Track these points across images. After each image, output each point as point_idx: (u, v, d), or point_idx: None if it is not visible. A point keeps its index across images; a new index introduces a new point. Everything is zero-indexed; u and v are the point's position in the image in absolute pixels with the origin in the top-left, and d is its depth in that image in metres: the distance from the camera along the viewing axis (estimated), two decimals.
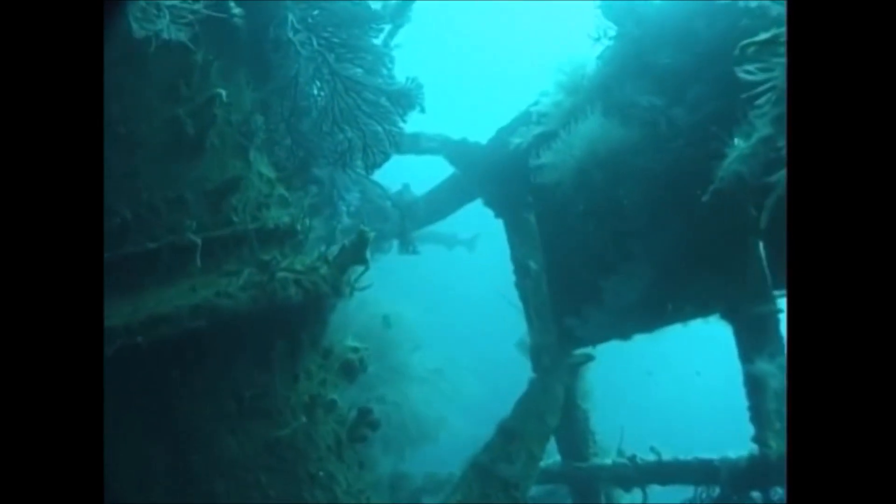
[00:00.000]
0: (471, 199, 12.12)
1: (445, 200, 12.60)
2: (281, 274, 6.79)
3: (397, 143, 7.05)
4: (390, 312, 14.20)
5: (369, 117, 6.97)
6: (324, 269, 7.23)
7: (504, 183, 10.69)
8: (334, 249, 7.40)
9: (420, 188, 12.69)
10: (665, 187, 7.60)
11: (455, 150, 11.40)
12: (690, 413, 30.76)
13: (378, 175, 11.36)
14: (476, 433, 11.99)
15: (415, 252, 11.58)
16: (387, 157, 7.22)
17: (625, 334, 8.98)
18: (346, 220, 10.64)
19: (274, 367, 6.94)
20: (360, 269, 7.57)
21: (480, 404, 14.36)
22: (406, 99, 7.02)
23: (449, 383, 14.59)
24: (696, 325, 8.67)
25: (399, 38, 8.47)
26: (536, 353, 10.56)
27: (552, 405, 10.20)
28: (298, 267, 7.08)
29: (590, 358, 10.51)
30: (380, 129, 7.00)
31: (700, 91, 7.24)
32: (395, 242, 12.16)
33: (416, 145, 11.44)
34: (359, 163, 7.13)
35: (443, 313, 19.38)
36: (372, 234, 7.31)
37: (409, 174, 12.41)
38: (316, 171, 9.13)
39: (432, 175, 12.81)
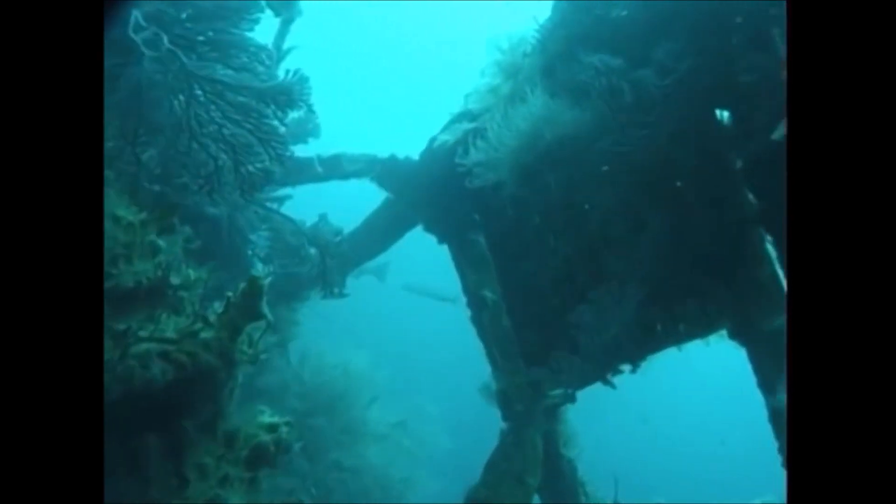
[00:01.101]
0: (410, 225, 10.21)
1: (381, 231, 10.75)
2: (140, 347, 4.93)
3: (280, 154, 5.19)
4: (338, 363, 12.82)
5: (238, 126, 5.12)
6: (207, 334, 5.38)
7: (442, 201, 8.89)
8: (218, 306, 5.55)
9: (351, 220, 10.79)
10: (640, 178, 5.78)
11: (384, 170, 9.64)
12: (695, 450, 27.03)
13: (297, 209, 9.70)
14: (447, 489, 10.98)
15: (341, 295, 9.69)
16: (268, 175, 5.37)
17: (606, 374, 7.08)
18: (257, 266, 8.82)
19: (148, 471, 5.06)
20: (260, 326, 5.70)
21: (450, 457, 13.19)
22: (284, 96, 5.20)
23: (413, 437, 13.08)
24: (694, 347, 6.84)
25: (299, 38, 6.73)
26: (505, 399, 8.73)
27: (530, 460, 8.41)
28: (169, 334, 5.21)
29: (570, 398, 8.64)
30: (253, 139, 5.14)
31: (671, 48, 5.43)
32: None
33: (337, 169, 9.63)
34: (240, 187, 5.20)
35: (401, 357, 17.45)
36: (265, 281, 5.47)
37: (337, 204, 10.58)
38: (210, 208, 7.30)
39: (365, 204, 10.93)
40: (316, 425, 11.97)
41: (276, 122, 5.33)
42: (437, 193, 9.30)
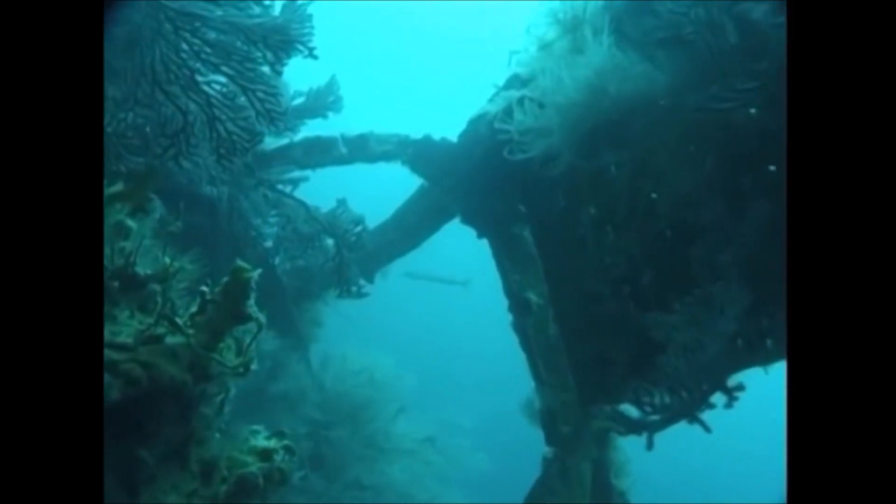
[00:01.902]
0: (447, 217, 8.92)
1: (414, 223, 9.48)
2: None
3: (270, 110, 3.91)
4: (362, 368, 11.52)
5: (215, 69, 3.83)
6: (174, 339, 4.15)
7: (484, 188, 7.61)
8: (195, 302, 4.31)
9: (380, 210, 9.55)
10: (738, 149, 4.43)
11: (417, 153, 8.34)
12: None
13: (318, 197, 8.46)
14: None
15: (359, 294, 8.44)
16: (254, 136, 4.08)
17: (696, 408, 5.77)
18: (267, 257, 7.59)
19: None
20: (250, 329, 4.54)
21: (485, 478, 11.89)
22: (278, 36, 3.90)
23: (443, 454, 11.67)
24: None
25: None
26: (550, 419, 7.58)
27: (577, 493, 7.14)
28: (123, 339, 3.97)
29: (627, 422, 7.29)
30: (235, 87, 3.85)
31: None
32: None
33: (364, 150, 8.35)
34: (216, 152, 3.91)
35: (433, 365, 16.11)
36: (253, 274, 4.23)
37: (363, 191, 9.34)
38: (208, 187, 6.08)
39: (396, 192, 9.68)
40: (336, 438, 10.79)
41: (266, 69, 4.04)
42: (477, 180, 8.05)
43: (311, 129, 8.35)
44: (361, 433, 11.08)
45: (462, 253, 11.76)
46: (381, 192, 9.52)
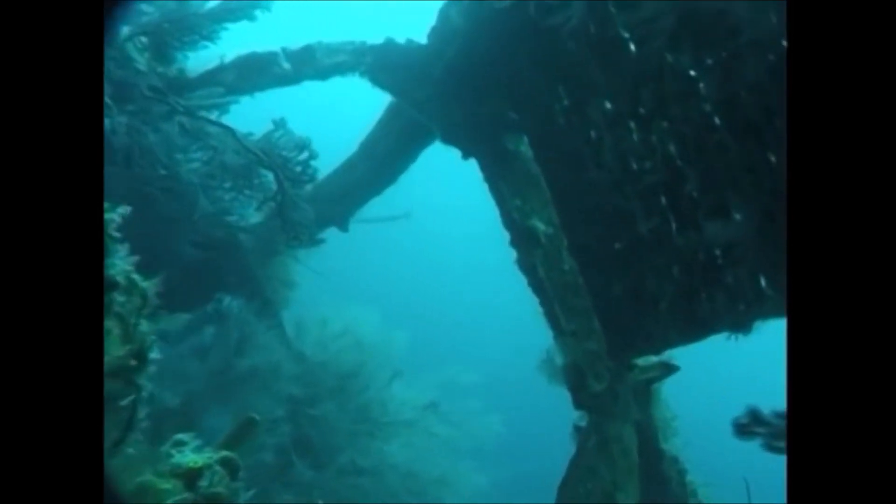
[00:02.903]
0: (424, 140, 7.35)
1: (384, 154, 7.88)
2: None
3: None
4: (345, 330, 10.05)
5: None
6: None
7: (464, 95, 5.98)
8: None
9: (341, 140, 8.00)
10: None
11: (378, 62, 6.67)
12: None
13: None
14: (498, 484, 9.70)
15: (314, 242, 6.93)
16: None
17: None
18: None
19: None
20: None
21: (501, 443, 10.16)
22: None
23: (448, 422, 9.99)
24: None
25: None
26: (577, 377, 6.31)
27: (622, 468, 5.71)
28: None
29: (672, 368, 6.35)
30: None
31: None
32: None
33: (311, 64, 6.70)
34: None
35: (427, 319, 14.49)
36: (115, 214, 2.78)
37: (317, 117, 7.76)
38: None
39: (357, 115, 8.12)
40: (322, 416, 9.40)
41: None
42: (455, 86, 6.45)
43: (241, 40, 6.66)
44: (352, 406, 9.63)
45: None
46: (339, 114, 7.88)
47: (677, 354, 6.16)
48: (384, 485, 9.20)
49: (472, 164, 6.86)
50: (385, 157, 8.36)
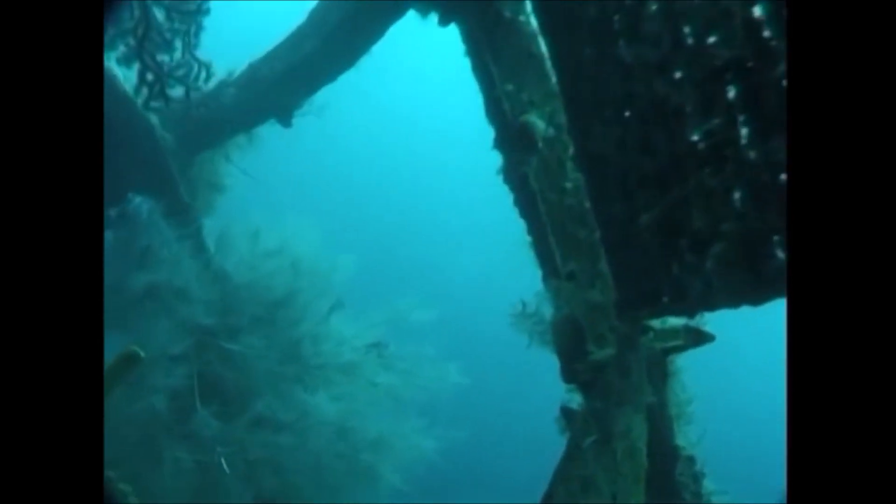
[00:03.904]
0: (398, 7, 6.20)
1: (339, 22, 6.10)
2: None
3: None
4: (279, 249, 8.42)
5: None
6: None
7: None
8: None
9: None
10: None
11: None
12: None
13: None
14: (451, 450, 8.24)
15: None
16: None
17: None
18: None
19: None
20: None
21: (461, 397, 8.39)
22: None
23: (395, 369, 8.35)
24: None
25: None
26: (571, 338, 4.70)
27: (628, 476, 4.08)
28: None
29: (704, 336, 4.87)
30: None
31: None
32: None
33: None
34: None
35: (378, 241, 12.73)
36: None
37: None
38: None
39: None
40: (238, 353, 7.75)
41: None
42: None
43: None
44: (278, 343, 8.04)
45: None
46: None
47: None
48: (306, 444, 7.67)
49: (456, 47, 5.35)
50: (341, 29, 6.88)
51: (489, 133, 5.20)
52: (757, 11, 3.55)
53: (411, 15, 6.01)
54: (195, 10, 6.06)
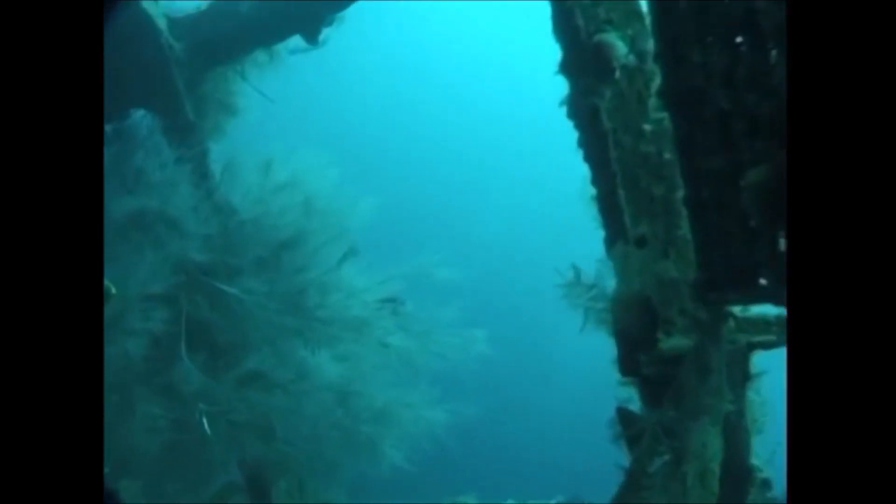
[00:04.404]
0: None
1: None
2: None
3: None
4: (294, 181, 7.49)
5: None
6: None
7: None
8: None
9: None
10: None
11: None
12: None
13: None
14: (461, 418, 7.34)
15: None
16: None
17: None
18: None
19: None
20: None
21: (482, 369, 7.42)
22: None
23: (411, 330, 7.39)
24: None
25: None
26: (637, 319, 3.87)
27: (701, 495, 3.55)
28: None
29: None
30: None
31: None
32: None
33: None
34: None
35: (404, 184, 11.83)
36: None
37: None
38: None
39: None
40: (234, 297, 6.82)
41: None
42: None
43: None
44: (281, 289, 7.10)
45: None
46: None
47: None
48: (300, 409, 6.82)
49: None
50: None
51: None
52: None
53: None
54: None
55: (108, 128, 7.35)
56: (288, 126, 8.29)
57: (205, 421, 6.18)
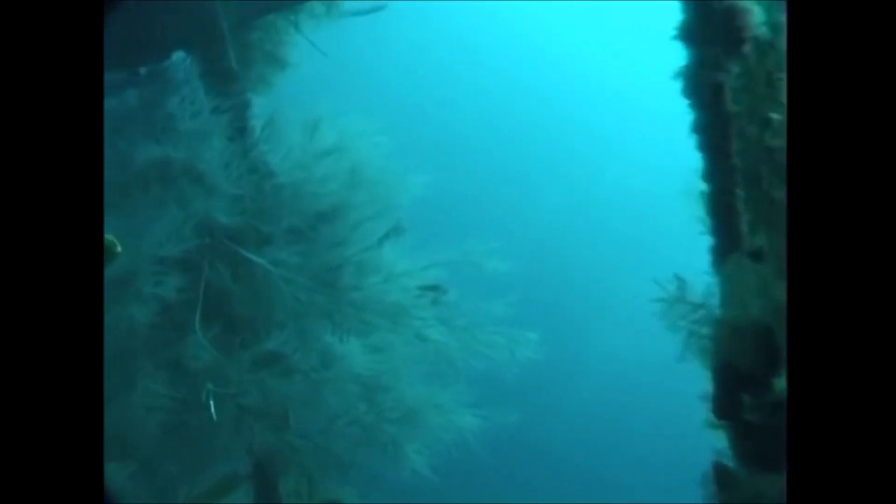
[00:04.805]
0: None
1: None
2: None
3: None
4: (339, 147, 6.85)
5: None
6: None
7: None
8: None
9: None
10: None
11: None
12: None
13: None
14: (499, 424, 6.65)
15: None
16: None
17: None
18: None
19: None
20: None
21: (520, 372, 6.70)
22: None
23: (449, 324, 6.68)
24: None
25: None
26: (750, 349, 3.26)
27: None
28: None
29: None
30: None
31: None
32: None
33: None
34: None
35: (462, 168, 11.10)
36: None
37: None
38: None
39: None
40: (258, 268, 6.21)
41: None
42: None
43: None
44: (313, 265, 6.48)
45: None
46: None
47: None
48: (320, 400, 6.19)
49: None
50: None
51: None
52: None
53: None
54: None
55: (143, 69, 6.86)
56: (338, 87, 7.63)
57: (212, 403, 5.59)
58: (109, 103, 6.62)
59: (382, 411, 6.30)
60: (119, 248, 4.23)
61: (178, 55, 6.86)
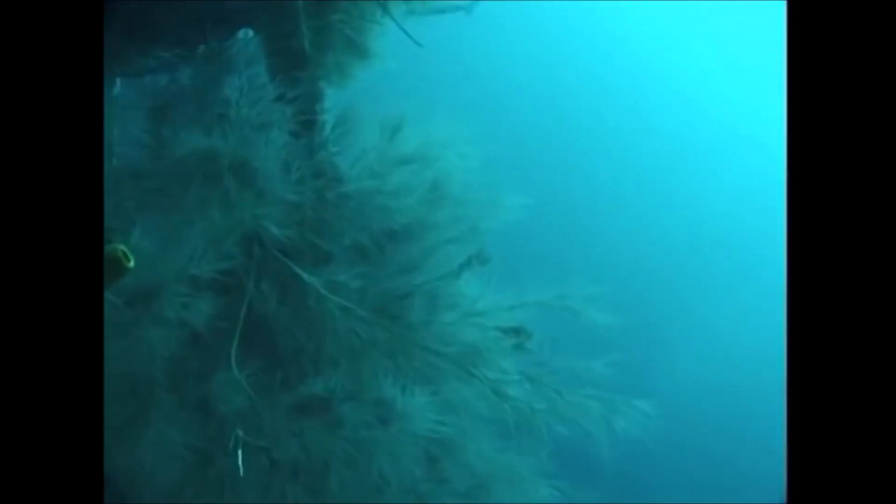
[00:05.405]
0: None
1: None
2: None
3: None
4: (422, 156, 6.03)
5: None
6: None
7: None
8: None
9: None
10: None
11: None
12: None
13: None
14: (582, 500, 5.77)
15: None
16: None
17: None
18: None
19: None
20: None
21: (620, 447, 5.70)
22: None
23: (535, 380, 5.65)
24: None
25: None
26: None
27: None
28: None
29: None
30: None
31: None
32: None
33: None
34: None
35: (568, 192, 10.13)
36: None
37: None
38: None
39: None
40: (316, 293, 5.37)
41: None
42: None
43: None
44: (376, 292, 5.52)
45: None
46: None
47: None
48: (370, 460, 5.21)
49: None
50: None
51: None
52: None
53: None
54: None
55: (201, 48, 6.06)
56: (426, 86, 6.82)
57: (240, 453, 4.72)
58: (160, 81, 5.93)
59: (445, 479, 5.39)
60: (132, 263, 3.51)
61: (244, 33, 6.17)
